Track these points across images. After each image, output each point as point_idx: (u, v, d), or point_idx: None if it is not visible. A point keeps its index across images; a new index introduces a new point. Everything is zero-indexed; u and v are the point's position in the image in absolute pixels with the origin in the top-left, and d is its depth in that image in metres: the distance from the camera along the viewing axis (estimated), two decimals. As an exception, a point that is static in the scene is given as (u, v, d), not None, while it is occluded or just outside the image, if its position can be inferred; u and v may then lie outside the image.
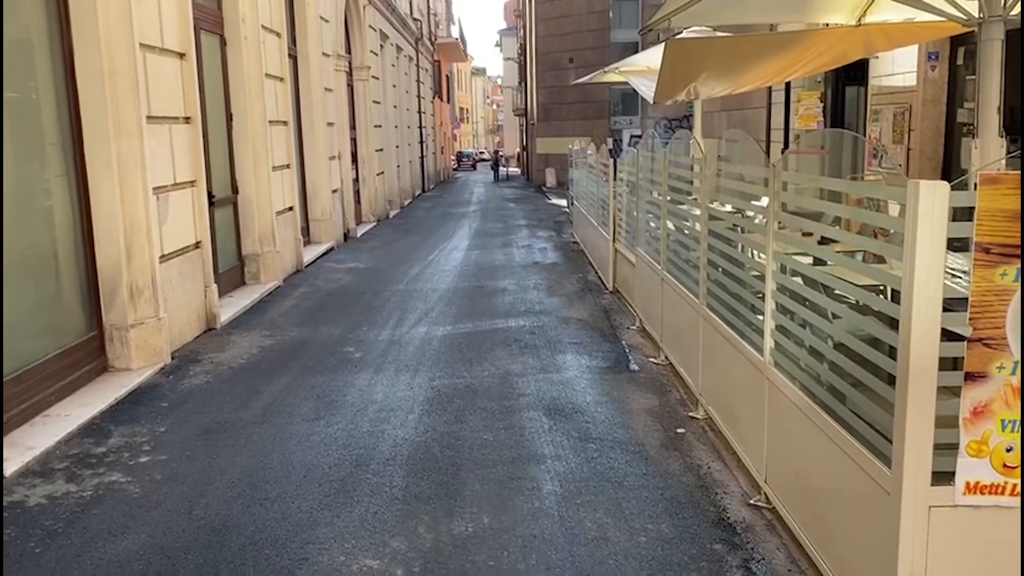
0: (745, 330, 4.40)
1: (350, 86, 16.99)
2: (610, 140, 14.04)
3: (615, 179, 9.61)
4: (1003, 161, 3.98)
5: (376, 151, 18.84)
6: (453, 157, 53.07)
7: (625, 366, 6.53)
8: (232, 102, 9.63)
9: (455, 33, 47.73)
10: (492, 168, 41.93)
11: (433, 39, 35.93)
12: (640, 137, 8.11)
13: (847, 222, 4.55)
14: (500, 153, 43.82)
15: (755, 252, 4.53)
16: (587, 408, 5.53)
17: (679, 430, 5.08)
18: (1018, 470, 2.60)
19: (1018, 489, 2.60)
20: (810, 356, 3.57)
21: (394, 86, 23.02)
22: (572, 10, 29.80)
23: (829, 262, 3.88)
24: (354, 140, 17.06)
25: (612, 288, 9.69)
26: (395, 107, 23.09)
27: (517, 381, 6.15)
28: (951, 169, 8.42)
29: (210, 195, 8.24)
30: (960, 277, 3.71)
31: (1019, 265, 2.48)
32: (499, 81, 73.26)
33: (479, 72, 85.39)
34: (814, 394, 3.42)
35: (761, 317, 4.04)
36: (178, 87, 7.52)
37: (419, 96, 30.11)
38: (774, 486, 3.90)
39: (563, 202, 21.70)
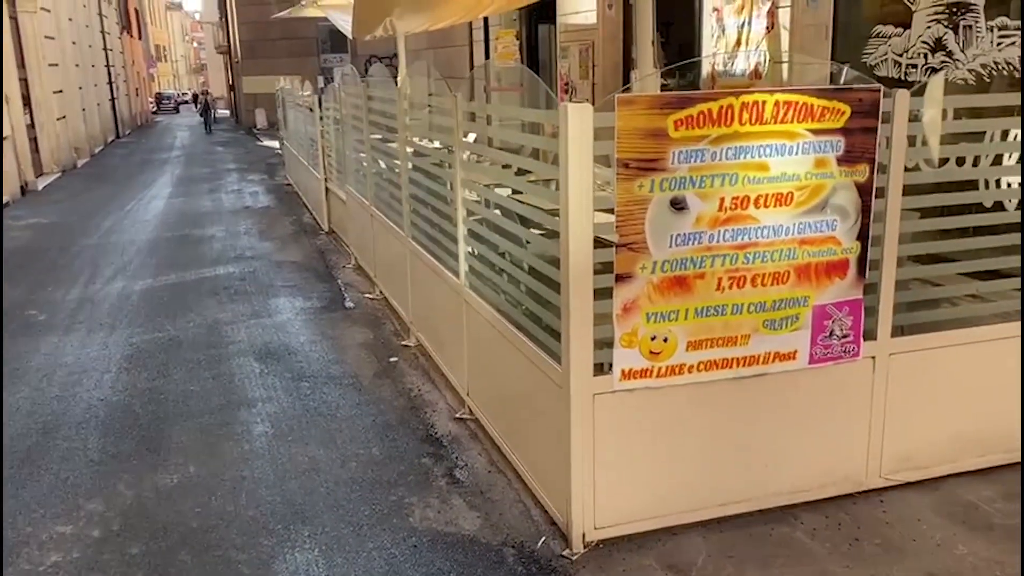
0: (445, 258, 4.60)
1: (14, 19, 14.90)
2: (321, 79, 13.66)
3: (321, 117, 9.43)
4: (658, 85, 4.48)
5: (55, 93, 16.80)
6: (152, 99, 48.39)
7: (340, 304, 6.56)
8: None
9: (141, -39, 43.23)
10: (201, 115, 31.31)
11: (114, -33, 32.31)
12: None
13: (536, 151, 4.88)
14: (208, 93, 35.95)
15: (449, 183, 4.71)
16: (301, 348, 5.50)
17: (392, 359, 5.24)
18: (663, 355, 3.01)
19: (663, 371, 3.02)
20: (496, 275, 3.84)
21: (70, 20, 20.54)
22: (270, -61, 28.20)
23: (512, 188, 4.15)
24: (24, 81, 15.06)
25: (328, 229, 9.59)
26: (74, 43, 20.66)
27: (226, 329, 5.95)
28: (629, 102, 9.24)
29: None
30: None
31: (654, 177, 2.84)
32: (198, 16, 67.84)
33: (175, 7, 78.15)
34: (500, 309, 3.69)
35: (457, 245, 4.25)
36: None
37: (103, 31, 27.15)
38: (475, 398, 4.18)
39: (275, 143, 20.85)
